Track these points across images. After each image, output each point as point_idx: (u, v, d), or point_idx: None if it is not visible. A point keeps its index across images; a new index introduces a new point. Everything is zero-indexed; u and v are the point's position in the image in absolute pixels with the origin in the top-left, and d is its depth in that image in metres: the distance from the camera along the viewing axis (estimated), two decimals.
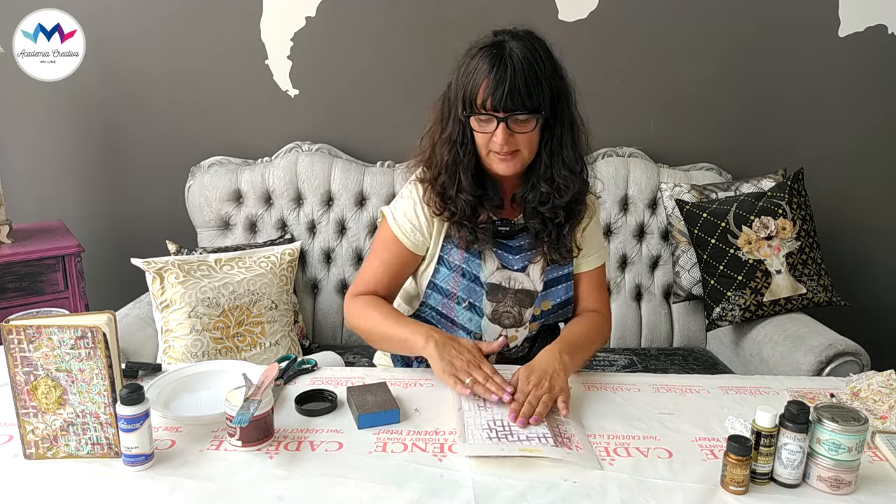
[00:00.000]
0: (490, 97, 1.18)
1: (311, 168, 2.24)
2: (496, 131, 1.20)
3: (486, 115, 1.20)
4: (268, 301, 1.94)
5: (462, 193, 1.28)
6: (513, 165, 1.25)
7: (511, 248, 1.36)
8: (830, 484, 0.96)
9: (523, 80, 1.18)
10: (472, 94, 1.20)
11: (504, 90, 1.17)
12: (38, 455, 1.01)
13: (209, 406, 1.16)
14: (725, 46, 2.37)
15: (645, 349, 2.28)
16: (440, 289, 1.37)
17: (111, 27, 2.27)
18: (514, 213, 1.37)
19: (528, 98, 1.19)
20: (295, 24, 2.30)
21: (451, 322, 1.39)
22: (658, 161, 2.35)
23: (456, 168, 1.28)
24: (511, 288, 1.36)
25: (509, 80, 1.17)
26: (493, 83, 1.17)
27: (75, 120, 2.36)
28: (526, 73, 1.18)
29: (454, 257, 1.35)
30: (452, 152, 1.27)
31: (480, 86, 1.19)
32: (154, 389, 1.17)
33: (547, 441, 1.04)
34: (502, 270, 1.36)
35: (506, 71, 1.17)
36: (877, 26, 2.37)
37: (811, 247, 2.10)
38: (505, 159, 1.24)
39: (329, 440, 1.07)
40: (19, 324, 0.96)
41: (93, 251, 2.27)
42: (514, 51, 1.19)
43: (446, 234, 1.35)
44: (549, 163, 1.28)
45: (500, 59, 1.18)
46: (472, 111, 1.21)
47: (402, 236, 1.36)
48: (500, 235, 1.35)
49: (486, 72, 1.18)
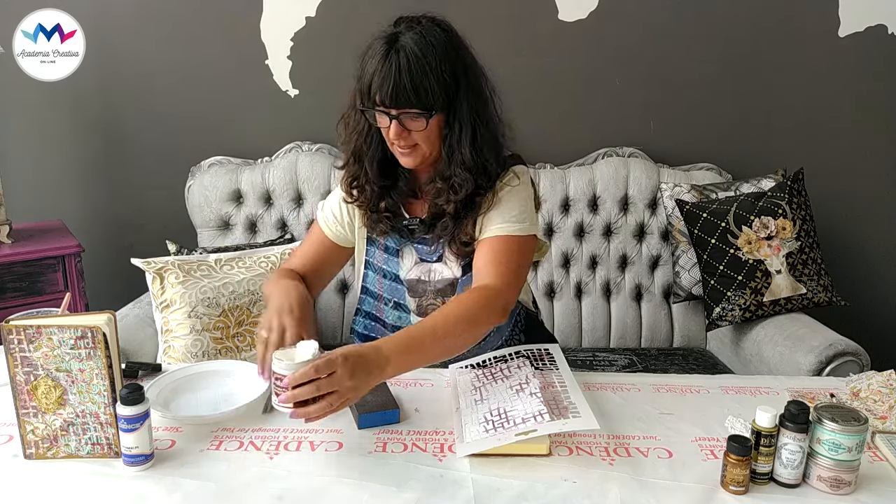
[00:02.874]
0: (378, 93, 1.16)
1: (311, 168, 2.24)
2: (390, 126, 1.19)
3: (379, 110, 1.18)
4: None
5: (368, 184, 1.29)
6: (413, 159, 1.24)
7: (427, 240, 1.34)
8: (830, 484, 0.96)
9: (409, 77, 1.13)
10: (366, 87, 1.18)
11: (389, 87, 1.14)
12: (38, 455, 1.01)
13: (209, 406, 1.16)
14: (725, 46, 2.37)
15: (645, 349, 2.28)
16: (370, 292, 1.40)
17: (111, 27, 2.27)
18: (424, 204, 1.35)
19: (414, 95, 1.14)
20: (295, 24, 2.30)
21: (382, 324, 1.39)
22: (658, 161, 2.35)
23: (362, 157, 1.28)
24: (431, 280, 1.34)
25: (394, 77, 1.13)
26: (379, 79, 1.15)
27: (75, 120, 2.36)
28: (412, 69, 1.13)
29: (377, 259, 1.37)
30: (359, 142, 1.27)
31: (372, 80, 1.16)
32: (154, 389, 1.17)
33: (543, 418, 1.03)
34: (421, 264, 1.35)
35: (391, 67, 1.13)
36: (877, 26, 2.37)
37: (811, 247, 2.10)
38: (405, 153, 1.23)
39: (329, 440, 1.07)
40: (19, 324, 0.96)
41: (93, 251, 2.26)
42: (405, 44, 1.14)
43: (368, 237, 1.37)
44: (447, 160, 1.24)
45: (388, 54, 1.14)
46: (367, 105, 1.20)
47: (325, 227, 1.39)
48: (414, 231, 1.33)
49: (375, 66, 1.15)
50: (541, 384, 1.13)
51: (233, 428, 1.09)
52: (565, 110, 2.38)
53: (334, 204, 1.39)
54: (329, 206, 1.40)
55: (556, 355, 1.28)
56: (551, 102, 2.37)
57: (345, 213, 1.37)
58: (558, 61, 2.34)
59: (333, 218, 1.38)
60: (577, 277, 2.31)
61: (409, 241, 1.34)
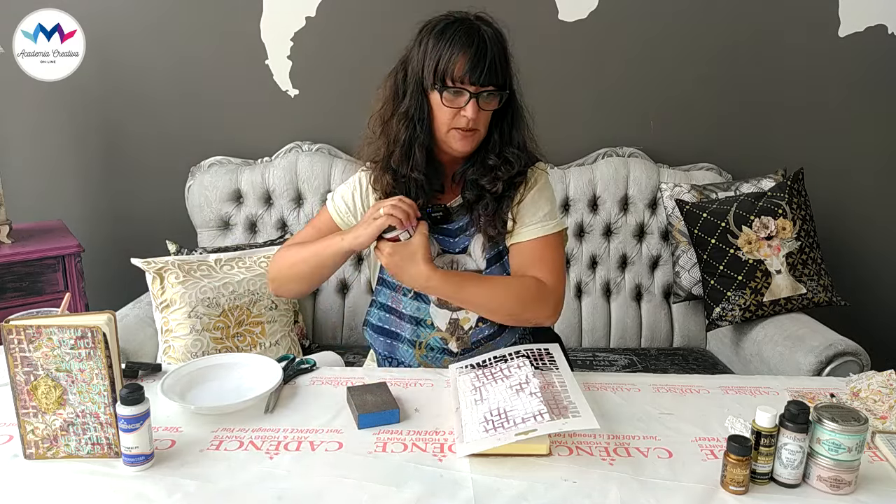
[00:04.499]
0: (469, 72, 1.19)
1: (311, 168, 2.24)
2: (466, 107, 1.21)
3: (459, 89, 1.21)
4: (268, 301, 1.94)
5: (414, 171, 1.29)
6: (471, 142, 1.27)
7: (450, 231, 1.36)
8: (830, 484, 0.96)
9: (498, 58, 1.21)
10: (447, 67, 1.20)
11: (485, 65, 1.19)
12: (38, 455, 1.01)
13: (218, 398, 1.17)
14: (726, 46, 2.37)
15: (645, 349, 2.28)
16: (388, 283, 1.40)
17: (111, 27, 2.27)
18: (451, 197, 1.37)
19: (500, 75, 1.22)
20: (295, 24, 2.30)
21: (399, 315, 1.39)
22: (658, 161, 2.35)
23: (412, 144, 1.27)
24: (454, 271, 1.35)
25: (489, 56, 1.19)
26: (473, 57, 1.19)
27: (75, 120, 2.36)
28: (496, 49, 1.21)
29: None
30: (410, 128, 1.27)
31: (458, 60, 1.19)
32: (171, 379, 1.19)
33: (543, 417, 1.03)
34: (443, 255, 1.36)
35: (485, 46, 1.19)
36: (877, 26, 2.37)
37: (811, 247, 2.10)
38: (466, 136, 1.25)
39: (329, 440, 1.07)
40: (19, 324, 0.96)
41: (93, 251, 2.26)
42: (486, 29, 1.22)
43: None
44: (499, 140, 1.30)
45: (478, 35, 1.20)
46: (445, 85, 1.21)
47: (335, 215, 1.39)
48: (437, 221, 1.35)
49: (464, 46, 1.19)
50: (541, 384, 1.13)
51: (233, 428, 1.09)
52: (565, 110, 2.38)
53: (347, 194, 1.39)
54: (341, 195, 1.40)
55: (556, 355, 1.28)
56: (551, 102, 2.36)
57: (359, 203, 1.37)
58: (558, 61, 2.34)
59: (346, 209, 1.38)
60: (577, 277, 2.31)
61: (431, 232, 1.34)
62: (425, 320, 1.37)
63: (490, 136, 1.30)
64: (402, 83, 1.28)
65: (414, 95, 1.25)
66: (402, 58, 1.30)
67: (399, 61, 1.30)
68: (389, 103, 1.29)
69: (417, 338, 1.39)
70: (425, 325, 1.37)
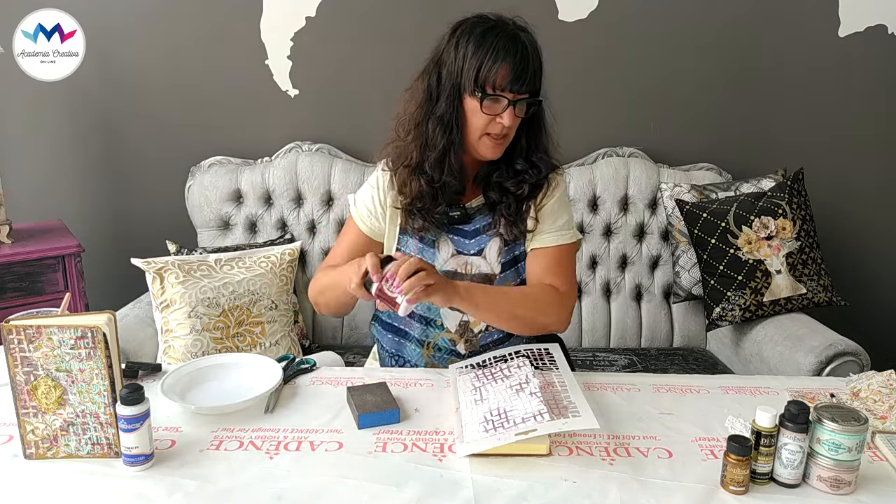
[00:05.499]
0: (512, 81, 1.18)
1: (311, 168, 2.24)
2: (504, 114, 1.21)
3: (499, 96, 1.20)
4: (268, 301, 1.94)
5: (448, 176, 1.27)
6: (501, 150, 1.27)
7: (466, 233, 1.36)
8: (830, 484, 0.96)
9: (535, 64, 1.21)
10: (489, 75, 1.19)
11: (527, 75, 1.19)
12: (38, 455, 1.01)
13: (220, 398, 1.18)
14: (725, 46, 2.37)
15: (645, 349, 2.28)
16: None
17: (111, 27, 2.27)
18: (470, 197, 1.37)
19: (536, 81, 1.22)
20: (295, 24, 2.30)
21: (409, 315, 1.37)
22: (658, 161, 2.35)
23: (447, 149, 1.26)
24: (467, 273, 1.35)
25: (531, 66, 1.20)
26: (517, 67, 1.18)
27: (75, 120, 2.36)
28: (536, 57, 1.22)
29: (410, 248, 1.36)
30: (446, 133, 1.25)
31: (501, 69, 1.18)
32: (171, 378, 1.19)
33: (543, 417, 1.03)
34: (458, 256, 1.35)
35: (527, 55, 1.20)
36: (877, 26, 2.37)
37: (811, 247, 2.10)
38: (498, 143, 1.25)
39: (329, 440, 1.07)
40: (19, 324, 0.96)
41: (93, 251, 2.26)
42: (525, 36, 1.22)
43: (401, 227, 1.36)
44: (526, 146, 1.30)
45: (521, 43, 1.20)
46: (485, 93, 1.20)
47: (360, 222, 1.39)
48: (454, 221, 1.35)
49: (507, 55, 1.18)
50: (541, 384, 1.13)
51: (233, 428, 1.10)
52: (565, 110, 2.36)
53: (367, 198, 1.38)
54: (362, 200, 1.39)
55: (556, 355, 1.28)
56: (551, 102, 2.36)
57: (377, 204, 1.37)
58: (558, 61, 2.33)
59: (368, 212, 1.38)
60: (578, 277, 2.31)
61: (446, 232, 1.34)
62: (435, 321, 1.38)
63: (518, 140, 1.29)
64: (436, 86, 1.25)
65: (449, 99, 1.23)
66: (433, 59, 1.27)
67: (431, 62, 1.27)
68: (421, 108, 1.27)
69: (426, 337, 1.39)
70: (435, 325, 1.38)
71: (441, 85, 1.25)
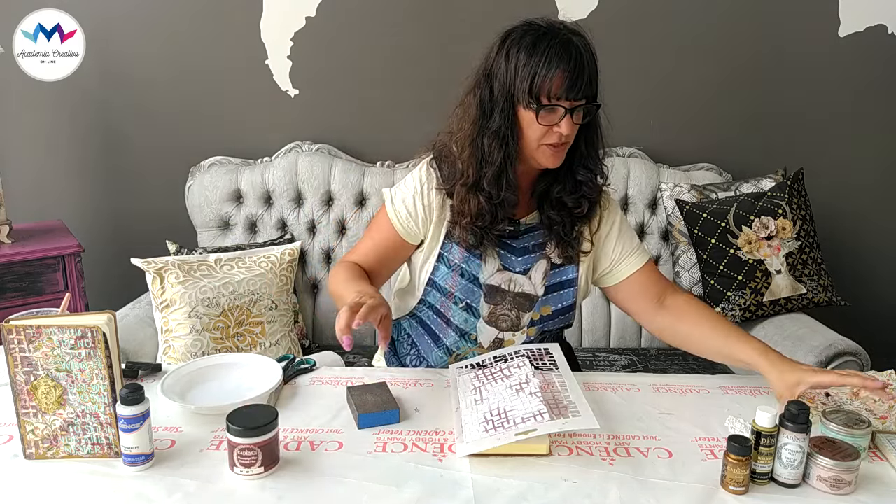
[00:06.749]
0: (567, 89, 1.15)
1: (311, 168, 2.24)
2: (561, 123, 1.17)
3: (555, 105, 1.16)
4: (268, 301, 1.94)
5: (507, 191, 1.24)
6: (562, 157, 1.23)
7: (515, 250, 1.33)
8: (830, 484, 0.96)
9: (591, 70, 1.18)
10: (543, 84, 1.15)
11: (583, 81, 1.16)
12: (38, 455, 1.01)
13: (219, 398, 1.18)
14: (725, 46, 2.37)
15: (645, 349, 2.28)
16: (439, 287, 1.35)
17: (111, 27, 2.27)
18: (523, 213, 1.35)
19: (594, 87, 1.20)
20: (295, 24, 2.30)
21: (447, 322, 1.37)
22: (658, 161, 2.35)
23: (504, 163, 1.23)
24: (510, 291, 1.33)
25: (586, 71, 1.16)
26: (571, 74, 1.15)
27: (75, 120, 2.36)
28: (591, 63, 1.19)
29: (454, 256, 1.32)
30: (503, 147, 1.22)
31: (555, 77, 1.14)
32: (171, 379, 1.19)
33: (543, 417, 1.03)
34: (503, 272, 1.33)
35: (581, 60, 1.16)
36: (877, 26, 2.37)
37: (811, 247, 2.10)
38: (558, 151, 1.22)
39: (329, 440, 1.07)
40: (19, 324, 0.96)
41: (93, 251, 2.26)
42: (578, 40, 1.18)
43: (447, 232, 1.32)
44: (585, 153, 1.27)
45: (574, 48, 1.16)
46: (540, 104, 1.17)
47: (396, 221, 1.33)
48: (504, 236, 1.32)
49: (560, 62, 1.14)
50: (541, 384, 1.13)
51: None
52: None
53: (409, 200, 1.32)
54: (401, 199, 1.33)
55: (556, 355, 1.28)
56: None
57: (419, 207, 1.31)
58: None
59: (407, 214, 1.32)
60: None
61: (493, 246, 1.31)
62: (470, 334, 1.36)
63: (577, 146, 1.26)
64: (488, 100, 1.22)
65: (504, 113, 1.20)
66: (483, 71, 1.23)
67: (482, 75, 1.23)
68: (475, 124, 1.23)
69: (457, 349, 1.38)
70: (469, 338, 1.36)
71: (494, 98, 1.21)
